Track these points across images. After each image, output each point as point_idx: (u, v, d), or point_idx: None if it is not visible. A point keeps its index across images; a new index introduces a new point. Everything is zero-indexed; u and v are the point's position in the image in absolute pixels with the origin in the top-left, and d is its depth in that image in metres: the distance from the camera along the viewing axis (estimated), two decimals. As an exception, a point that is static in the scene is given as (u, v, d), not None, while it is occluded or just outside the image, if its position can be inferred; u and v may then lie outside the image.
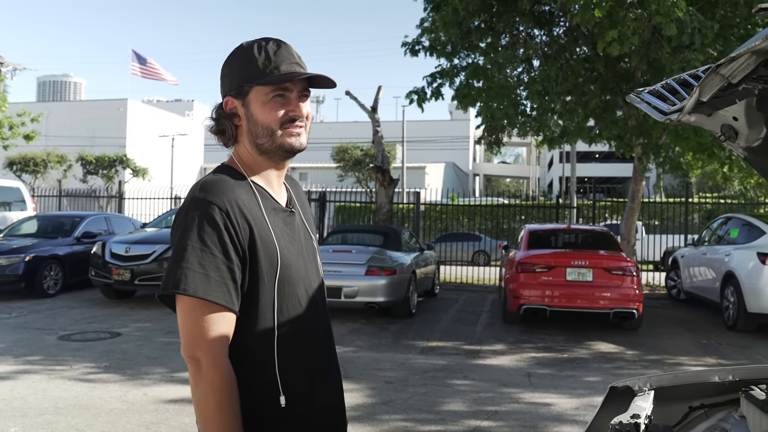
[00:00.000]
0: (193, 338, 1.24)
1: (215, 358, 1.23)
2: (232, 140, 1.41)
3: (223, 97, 1.40)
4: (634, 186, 11.48)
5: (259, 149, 1.38)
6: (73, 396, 4.80)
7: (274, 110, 1.35)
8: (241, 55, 1.37)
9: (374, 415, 4.52)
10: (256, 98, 1.35)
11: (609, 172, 49.42)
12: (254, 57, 1.34)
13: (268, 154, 1.39)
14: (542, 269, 7.87)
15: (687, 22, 7.48)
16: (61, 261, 10.15)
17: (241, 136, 1.40)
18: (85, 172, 29.59)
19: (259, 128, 1.36)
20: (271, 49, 1.35)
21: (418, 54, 11.02)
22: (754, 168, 2.53)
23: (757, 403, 1.71)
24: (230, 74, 1.38)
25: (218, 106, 1.41)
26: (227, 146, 1.43)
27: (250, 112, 1.36)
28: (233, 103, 1.38)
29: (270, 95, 1.34)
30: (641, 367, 6.28)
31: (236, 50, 1.39)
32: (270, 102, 1.34)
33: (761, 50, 1.18)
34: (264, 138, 1.36)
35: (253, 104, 1.35)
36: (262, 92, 1.34)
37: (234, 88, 1.37)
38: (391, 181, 13.10)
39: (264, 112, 1.35)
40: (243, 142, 1.40)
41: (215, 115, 1.40)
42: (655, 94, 1.71)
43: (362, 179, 29.33)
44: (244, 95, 1.36)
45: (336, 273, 8.09)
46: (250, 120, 1.37)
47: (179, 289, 1.23)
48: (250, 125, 1.37)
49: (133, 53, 30.86)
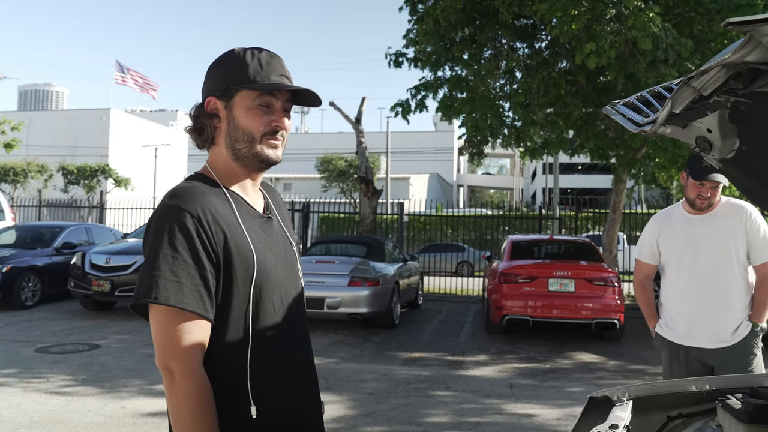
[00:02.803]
0: (166, 348, 1.22)
1: (189, 367, 1.21)
2: (209, 141, 1.38)
3: (204, 97, 1.38)
4: (615, 197, 11.61)
5: (235, 154, 1.36)
6: (48, 410, 4.71)
7: (258, 117, 1.34)
8: (231, 59, 1.36)
9: (356, 427, 4.49)
10: (241, 102, 1.34)
11: (591, 183, 49.94)
12: (246, 62, 1.34)
13: (243, 161, 1.37)
14: (525, 280, 7.91)
15: (662, 38, 7.61)
16: (39, 272, 9.98)
17: (218, 138, 1.38)
18: (67, 182, 29.24)
19: (240, 133, 1.34)
20: (264, 58, 1.35)
21: (401, 65, 11.08)
22: (729, 180, 2.57)
23: (733, 413, 1.73)
24: (217, 75, 1.37)
25: (199, 105, 1.39)
26: (202, 147, 1.41)
27: (233, 115, 1.34)
28: (216, 104, 1.36)
29: (255, 101, 1.33)
30: (623, 377, 6.31)
31: (227, 53, 1.38)
32: (254, 109, 1.33)
33: (731, 63, 1.20)
34: (242, 144, 1.35)
35: (236, 108, 1.34)
36: (248, 97, 1.33)
37: (219, 89, 1.35)
38: (375, 191, 13.11)
39: (247, 118, 1.34)
40: (219, 144, 1.38)
41: (195, 113, 1.38)
42: (630, 106, 1.73)
43: (346, 190, 29.33)
44: (229, 97, 1.34)
45: (319, 284, 8.06)
46: (231, 123, 1.35)
47: (151, 297, 1.21)
48: (230, 129, 1.35)
49: (117, 63, 30.68)
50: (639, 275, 3.24)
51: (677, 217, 3.05)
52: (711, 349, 2.90)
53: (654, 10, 7.82)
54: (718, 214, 2.94)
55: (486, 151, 12.10)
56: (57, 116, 44.59)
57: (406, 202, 25.15)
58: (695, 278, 2.93)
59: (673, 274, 3.04)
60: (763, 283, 2.90)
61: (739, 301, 2.90)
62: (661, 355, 3.15)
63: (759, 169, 1.81)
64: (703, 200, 2.89)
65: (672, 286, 3.04)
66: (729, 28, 1.01)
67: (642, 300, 3.22)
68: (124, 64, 29.93)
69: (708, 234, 2.93)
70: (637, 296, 3.26)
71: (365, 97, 14.06)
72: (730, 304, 2.89)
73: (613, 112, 1.79)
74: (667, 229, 3.06)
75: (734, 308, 2.89)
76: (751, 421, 1.66)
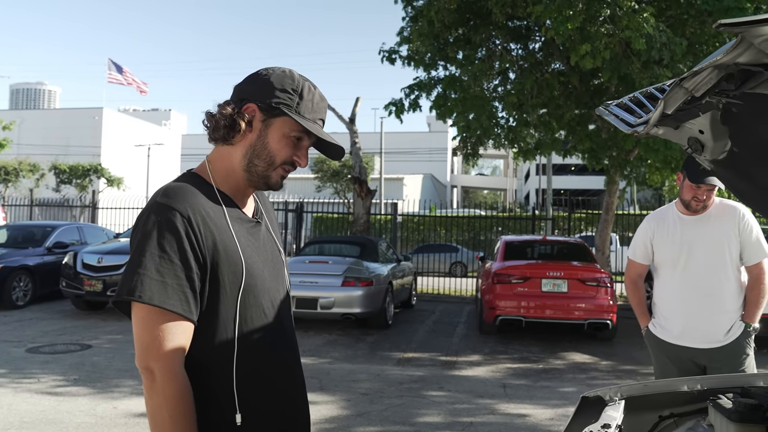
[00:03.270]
0: (148, 348, 1.20)
1: (170, 368, 1.20)
2: (229, 140, 1.36)
3: (243, 98, 1.35)
4: (608, 198, 11.65)
5: (248, 167, 1.37)
6: (39, 410, 4.68)
7: (287, 147, 1.36)
8: (290, 83, 1.36)
9: (349, 427, 4.48)
10: (280, 127, 1.35)
11: (584, 184, 50.11)
12: (303, 93, 1.36)
13: (251, 175, 1.38)
14: (518, 280, 7.93)
15: (656, 38, 7.65)
16: (31, 272, 9.92)
17: (239, 143, 1.36)
18: (59, 181, 29.05)
19: (265, 153, 1.35)
20: (317, 98, 1.38)
21: (395, 62, 11.09)
22: (720, 181, 2.58)
23: (724, 412, 1.74)
24: (269, 88, 1.34)
25: (237, 103, 1.35)
26: (214, 141, 1.38)
27: (267, 133, 1.35)
28: (255, 113, 1.35)
29: (293, 133, 1.36)
30: (615, 377, 6.34)
31: (287, 73, 1.37)
32: (287, 138, 1.36)
33: (723, 65, 1.21)
34: (262, 163, 1.36)
35: (273, 129, 1.35)
36: (289, 126, 1.35)
37: (266, 102, 1.33)
38: (368, 192, 13.11)
39: (279, 143, 1.35)
40: (236, 149, 1.37)
41: (232, 109, 1.34)
42: (623, 107, 1.74)
43: (340, 190, 29.32)
44: (272, 116, 1.34)
45: (312, 284, 8.05)
46: (261, 138, 1.35)
47: (134, 296, 1.19)
48: (258, 143, 1.35)
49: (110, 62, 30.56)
50: (631, 274, 3.26)
51: (671, 217, 3.07)
52: (704, 349, 2.92)
53: (648, 11, 7.86)
54: (711, 215, 2.97)
55: (479, 151, 12.12)
56: (49, 115, 44.34)
57: (399, 202, 25.15)
58: (689, 279, 2.95)
59: (667, 274, 3.05)
60: (756, 283, 2.92)
61: (732, 302, 2.92)
62: (652, 354, 3.17)
63: (750, 171, 1.83)
64: (698, 202, 2.92)
65: (666, 286, 3.06)
66: (720, 30, 1.02)
67: (633, 298, 3.24)
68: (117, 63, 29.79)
69: (702, 235, 2.95)
70: (629, 294, 3.28)
71: (359, 98, 14.06)
72: (724, 304, 2.91)
73: (606, 113, 1.80)
74: (660, 229, 3.07)
75: (727, 309, 2.91)
76: (742, 421, 1.67)
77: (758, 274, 2.92)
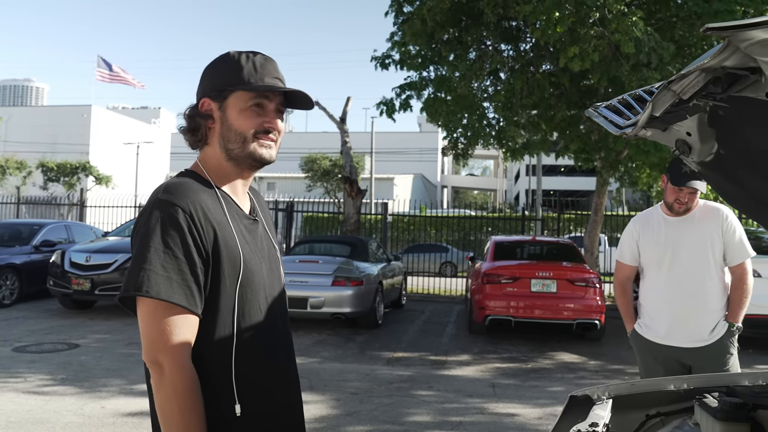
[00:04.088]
0: (155, 341, 1.22)
1: (178, 361, 1.22)
2: (203, 141, 1.40)
3: (199, 98, 1.40)
4: (597, 199, 11.72)
5: (228, 154, 1.38)
6: (26, 410, 4.64)
7: (251, 118, 1.36)
8: (227, 61, 1.38)
9: (338, 427, 4.49)
10: (234, 103, 1.36)
11: (574, 185, 50.36)
12: (241, 65, 1.36)
13: (236, 160, 1.39)
14: (507, 280, 7.96)
15: (645, 42, 7.71)
16: (17, 270, 9.83)
17: (211, 138, 1.39)
18: (46, 179, 28.79)
19: (233, 133, 1.36)
20: (258, 61, 1.38)
21: (388, 68, 11.09)
22: (707, 183, 2.61)
23: (710, 411, 1.76)
24: (212, 77, 1.39)
25: (193, 106, 1.40)
26: (195, 147, 1.42)
27: (226, 116, 1.36)
28: (210, 105, 1.38)
29: (249, 103, 1.36)
30: (603, 376, 6.38)
31: (223, 56, 1.40)
32: (248, 110, 1.36)
33: (710, 68, 1.23)
34: (235, 144, 1.36)
35: (230, 109, 1.36)
36: (242, 98, 1.35)
37: (214, 90, 1.37)
38: (359, 191, 13.11)
39: (240, 118, 1.36)
40: (213, 145, 1.39)
41: (189, 113, 1.39)
42: (612, 108, 1.75)
43: (330, 190, 29.27)
44: (224, 98, 1.36)
45: (302, 283, 8.04)
46: (224, 124, 1.37)
47: (141, 291, 1.21)
48: (224, 129, 1.37)
49: (99, 59, 30.32)
50: (619, 277, 3.28)
51: (656, 219, 3.11)
52: (689, 348, 2.96)
53: (637, 15, 7.92)
54: (695, 216, 3.01)
55: (469, 152, 12.15)
56: (37, 112, 43.89)
57: (390, 202, 25.16)
58: (674, 279, 2.99)
59: (652, 275, 3.09)
60: (739, 283, 2.96)
61: (716, 302, 2.96)
62: (637, 355, 3.20)
63: (736, 173, 1.85)
64: (681, 205, 2.97)
65: (651, 286, 3.09)
66: (708, 34, 1.03)
67: (621, 302, 3.27)
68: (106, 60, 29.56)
69: (686, 236, 2.99)
70: (617, 298, 3.31)
71: (350, 97, 14.05)
72: (708, 304, 2.95)
73: (595, 115, 1.82)
74: (646, 231, 3.11)
75: (711, 308, 2.95)
76: (727, 420, 1.70)
77: (741, 274, 2.97)
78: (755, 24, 1.00)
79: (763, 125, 1.50)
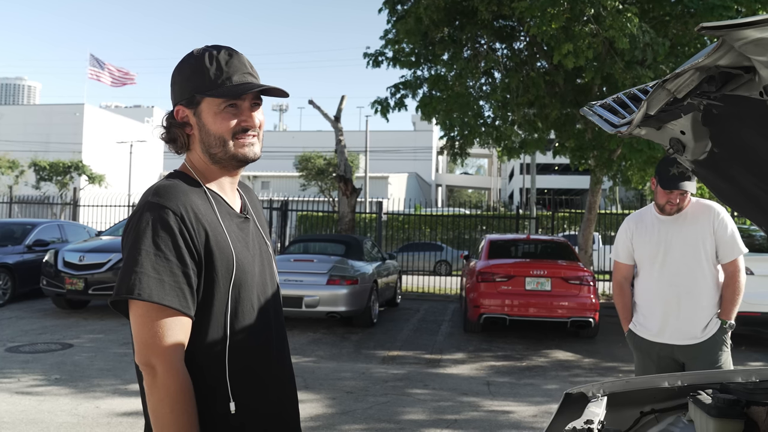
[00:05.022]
0: (148, 344, 1.22)
1: (170, 364, 1.21)
2: (185, 148, 1.40)
3: (174, 105, 1.39)
4: (591, 198, 11.76)
5: (212, 158, 1.37)
6: (20, 410, 4.62)
7: (227, 120, 1.34)
8: (191, 64, 1.35)
9: (333, 425, 4.49)
10: (207, 108, 1.34)
11: (568, 184, 50.54)
12: (205, 67, 1.33)
13: (221, 163, 1.38)
14: (502, 279, 7.98)
15: (639, 38, 7.73)
16: (10, 270, 9.77)
17: (193, 144, 1.39)
18: (38, 178, 28.63)
19: (212, 138, 1.35)
20: (223, 59, 1.34)
21: (381, 65, 11.09)
22: (701, 181, 2.63)
23: (704, 408, 1.77)
24: (181, 83, 1.37)
25: (169, 114, 1.39)
26: (179, 153, 1.42)
27: (202, 122, 1.35)
28: (185, 112, 1.37)
29: (222, 105, 1.34)
30: (597, 374, 6.41)
31: (186, 58, 1.38)
32: (222, 113, 1.34)
33: (704, 67, 1.24)
34: (217, 148, 1.36)
35: (205, 114, 1.35)
36: (214, 103, 1.34)
37: (185, 98, 1.35)
38: (353, 190, 13.10)
39: (216, 122, 1.34)
40: (195, 150, 1.39)
41: (166, 123, 1.39)
42: (607, 107, 1.76)
43: (325, 188, 29.24)
44: (196, 105, 1.35)
45: (297, 282, 8.03)
46: (202, 130, 1.36)
47: (133, 294, 1.21)
48: (203, 135, 1.36)
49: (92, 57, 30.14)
50: (617, 277, 3.30)
51: (649, 218, 3.14)
52: (682, 345, 2.98)
53: (631, 11, 7.94)
54: (687, 214, 3.03)
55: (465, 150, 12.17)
56: (29, 111, 43.60)
57: (384, 201, 25.20)
58: (667, 277, 3.01)
59: (645, 273, 3.12)
60: (731, 281, 2.98)
61: (709, 299, 2.98)
62: (633, 353, 3.22)
63: (730, 171, 1.86)
64: (672, 206, 3.00)
65: (645, 285, 3.12)
66: (702, 33, 1.04)
67: (619, 302, 3.28)
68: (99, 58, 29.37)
69: (678, 234, 3.01)
70: (615, 298, 3.32)
71: (344, 96, 14.03)
72: (700, 301, 2.97)
73: (590, 113, 1.82)
74: (639, 229, 3.14)
75: (704, 306, 2.97)
76: (721, 416, 1.71)
77: (733, 271, 2.99)
78: (749, 23, 1.00)
79: (756, 124, 1.51)
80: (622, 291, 3.27)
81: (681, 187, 2.88)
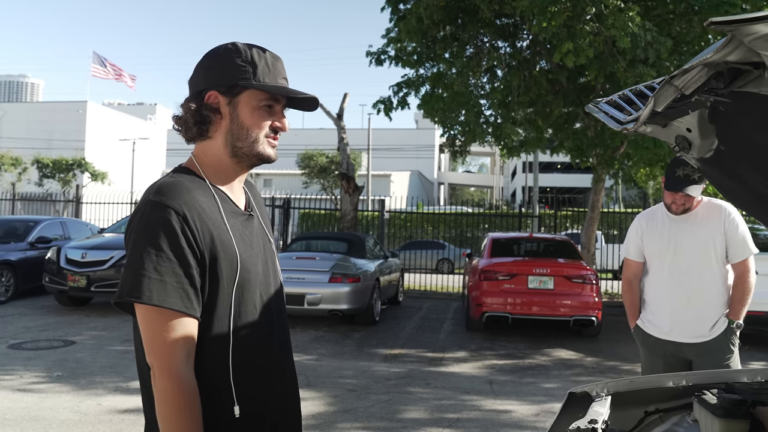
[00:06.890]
0: (149, 346, 1.22)
1: (167, 366, 1.20)
2: (205, 135, 1.35)
3: (202, 89, 1.34)
4: (594, 196, 11.73)
5: (234, 151, 1.35)
6: (22, 407, 4.62)
7: (262, 118, 1.34)
8: (237, 54, 1.33)
9: (335, 423, 4.48)
10: (247, 101, 1.33)
11: (570, 182, 50.47)
12: (254, 61, 1.33)
13: (240, 157, 1.36)
14: (504, 277, 7.96)
15: (641, 36, 7.69)
16: (13, 267, 9.79)
17: (215, 133, 1.35)
18: (41, 175, 28.66)
19: (244, 131, 1.33)
20: (270, 59, 1.35)
21: (383, 64, 11.08)
22: (707, 179, 2.61)
23: (709, 408, 1.75)
24: (220, 69, 1.33)
25: (196, 96, 1.34)
26: (192, 141, 1.37)
27: (237, 112, 1.33)
28: (218, 99, 1.33)
29: (262, 102, 1.33)
30: (600, 373, 6.39)
31: (230, 47, 1.35)
32: (260, 109, 1.34)
33: (712, 63, 1.22)
34: (245, 142, 1.34)
35: (242, 106, 1.33)
36: (256, 97, 1.33)
37: (223, 84, 1.32)
38: (356, 188, 13.08)
39: (253, 117, 1.33)
40: (216, 139, 1.35)
41: (196, 105, 1.33)
42: (613, 104, 1.74)
43: (327, 186, 29.23)
44: (235, 95, 1.33)
45: (299, 280, 8.03)
46: (234, 120, 1.33)
47: (133, 296, 1.20)
48: (233, 126, 1.34)
49: (95, 55, 30.19)
50: (627, 274, 3.30)
51: (660, 216, 3.14)
52: (690, 343, 2.98)
53: (633, 10, 7.91)
54: (698, 213, 3.03)
55: (467, 148, 12.15)
56: (32, 108, 43.66)
57: (387, 199, 25.18)
58: (676, 276, 3.01)
59: (655, 271, 3.12)
60: (741, 281, 2.97)
61: (718, 299, 2.97)
62: (640, 350, 3.21)
63: (736, 169, 1.84)
64: (677, 206, 3.01)
65: (654, 283, 3.12)
66: (711, 28, 1.02)
67: (627, 299, 3.28)
68: (102, 56, 29.42)
69: (688, 233, 3.01)
70: (623, 294, 3.33)
71: (347, 94, 14.01)
72: (709, 300, 2.96)
73: (596, 110, 1.81)
74: (650, 227, 3.14)
75: (713, 305, 2.96)
76: (726, 416, 1.69)
77: (743, 271, 2.97)
78: (760, 18, 0.99)
79: (764, 121, 1.49)
80: (631, 288, 3.27)
81: (684, 190, 2.88)
